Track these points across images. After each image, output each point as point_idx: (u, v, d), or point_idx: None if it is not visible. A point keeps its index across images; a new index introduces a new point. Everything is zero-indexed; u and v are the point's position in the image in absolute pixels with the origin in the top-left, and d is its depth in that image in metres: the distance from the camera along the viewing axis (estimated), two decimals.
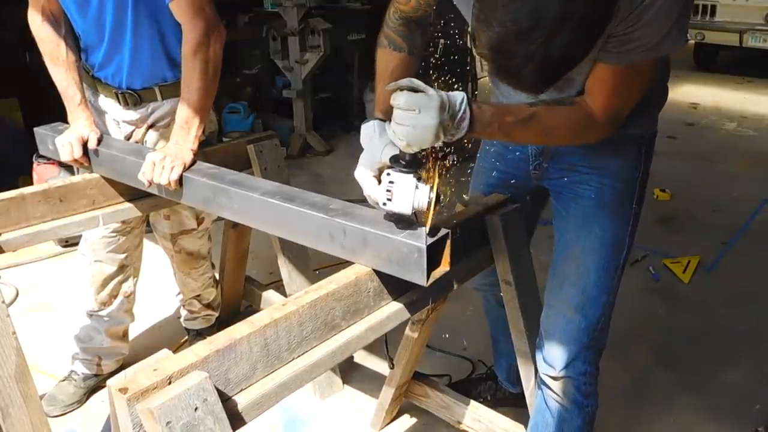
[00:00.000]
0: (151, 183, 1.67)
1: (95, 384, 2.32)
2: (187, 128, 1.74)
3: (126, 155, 1.76)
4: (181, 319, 2.56)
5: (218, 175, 1.59)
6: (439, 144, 1.14)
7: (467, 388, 2.18)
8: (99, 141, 1.85)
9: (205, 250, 2.38)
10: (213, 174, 1.61)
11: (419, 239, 1.12)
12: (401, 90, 1.12)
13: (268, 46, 5.14)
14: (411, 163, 1.15)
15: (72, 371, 2.30)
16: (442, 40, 1.27)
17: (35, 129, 2.00)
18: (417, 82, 1.12)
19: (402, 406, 2.14)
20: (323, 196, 1.35)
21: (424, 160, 1.17)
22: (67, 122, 1.93)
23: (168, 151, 1.69)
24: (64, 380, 2.29)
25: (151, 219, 2.24)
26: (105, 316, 2.24)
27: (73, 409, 2.24)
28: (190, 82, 1.75)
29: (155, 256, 2.65)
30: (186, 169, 1.65)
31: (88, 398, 2.29)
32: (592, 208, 1.48)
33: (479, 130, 1.18)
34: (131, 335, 2.43)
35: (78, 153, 1.83)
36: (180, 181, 1.64)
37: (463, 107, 1.14)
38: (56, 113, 2.04)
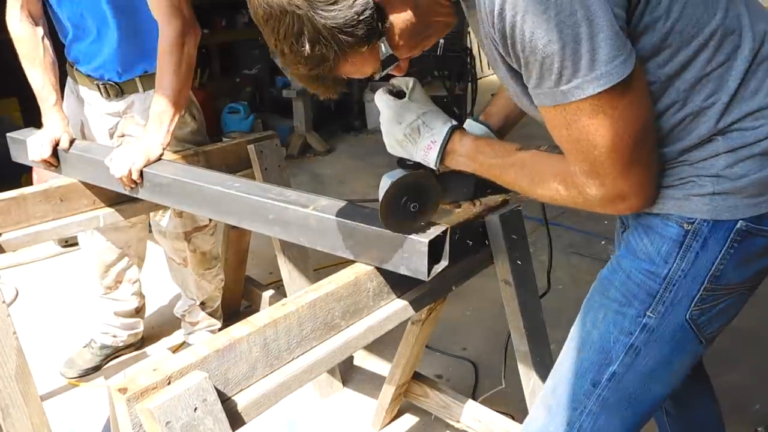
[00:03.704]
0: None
1: (112, 353, 2.45)
2: (159, 123, 1.78)
3: (96, 156, 1.78)
4: (183, 333, 2.55)
5: (186, 170, 1.63)
6: (416, 158, 1.15)
7: None
8: (71, 143, 1.87)
9: (216, 250, 2.40)
10: (180, 168, 1.66)
11: (421, 235, 1.13)
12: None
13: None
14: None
15: (92, 339, 2.43)
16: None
17: (7, 134, 2.01)
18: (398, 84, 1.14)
19: (402, 405, 2.14)
20: (314, 195, 1.35)
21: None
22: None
23: (134, 145, 1.73)
24: (84, 347, 2.42)
25: (158, 220, 2.24)
26: (113, 298, 2.33)
27: (89, 374, 2.39)
28: (164, 79, 1.79)
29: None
30: (150, 163, 1.69)
31: (104, 364, 2.44)
32: (596, 293, 1.13)
33: (450, 162, 1.12)
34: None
35: (47, 153, 1.84)
36: (142, 175, 1.68)
37: (431, 134, 1.11)
38: None
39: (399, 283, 1.27)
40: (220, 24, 5.95)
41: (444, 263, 1.18)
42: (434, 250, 1.14)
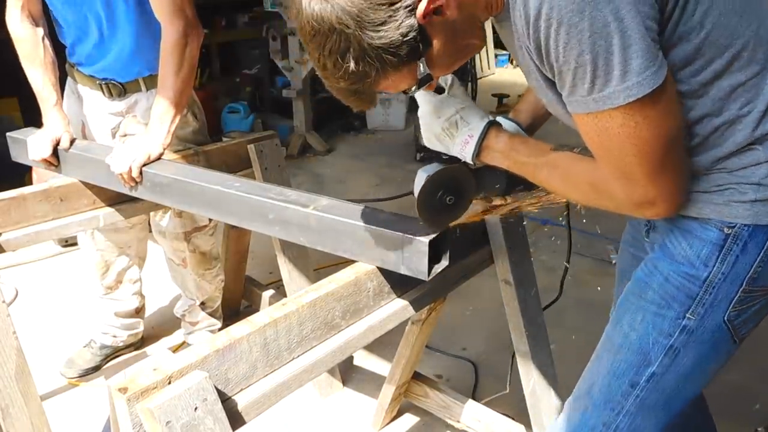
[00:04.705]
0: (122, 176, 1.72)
1: (112, 353, 2.45)
2: (160, 123, 1.79)
3: (96, 156, 1.78)
4: (183, 333, 2.55)
5: (185, 170, 1.63)
6: (451, 152, 1.16)
7: None
8: (71, 143, 1.87)
9: (216, 251, 2.40)
10: (179, 168, 1.66)
11: (421, 234, 1.13)
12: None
13: (268, 46, 5.14)
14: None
15: (91, 339, 2.42)
16: None
17: (7, 134, 2.01)
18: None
19: (402, 405, 2.14)
20: (314, 195, 1.35)
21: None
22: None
23: (135, 142, 1.73)
24: (84, 347, 2.42)
25: (158, 221, 2.24)
26: (114, 298, 2.33)
27: (89, 374, 2.38)
28: (166, 79, 1.80)
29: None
30: (150, 162, 1.70)
31: (104, 364, 2.44)
32: (633, 295, 1.14)
33: (485, 157, 1.14)
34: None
35: (47, 152, 1.85)
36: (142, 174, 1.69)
37: (468, 128, 1.13)
38: None
39: (399, 283, 1.27)
40: (220, 24, 5.95)
41: (444, 263, 1.18)
42: (434, 250, 1.14)
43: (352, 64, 0.93)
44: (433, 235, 1.13)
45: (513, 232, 1.51)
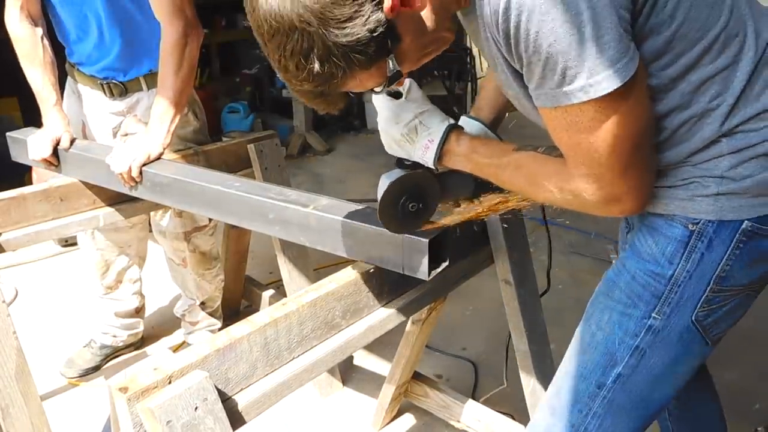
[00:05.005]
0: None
1: (112, 353, 2.46)
2: (160, 122, 1.79)
3: (97, 156, 1.79)
4: (183, 333, 2.55)
5: (185, 170, 1.64)
6: (412, 156, 1.14)
7: None
8: (71, 143, 1.88)
9: (216, 250, 2.40)
10: (178, 168, 1.67)
11: (421, 234, 1.13)
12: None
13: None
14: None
15: (91, 339, 2.43)
16: None
17: (7, 134, 2.01)
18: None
19: (402, 405, 2.14)
20: (314, 194, 1.35)
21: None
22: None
23: (135, 142, 1.73)
24: (84, 347, 2.43)
25: (158, 220, 2.24)
26: (114, 298, 2.34)
27: (89, 374, 2.38)
28: (166, 79, 1.80)
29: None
30: (150, 161, 1.71)
31: (104, 364, 2.44)
32: (601, 295, 1.12)
33: (447, 162, 1.11)
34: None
35: (47, 152, 1.85)
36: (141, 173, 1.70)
37: (428, 133, 1.10)
38: None
39: (399, 283, 1.27)
40: (220, 24, 5.95)
41: (444, 263, 1.18)
42: (434, 249, 1.14)
43: (316, 66, 0.86)
44: (433, 235, 1.13)
45: (513, 232, 1.51)
